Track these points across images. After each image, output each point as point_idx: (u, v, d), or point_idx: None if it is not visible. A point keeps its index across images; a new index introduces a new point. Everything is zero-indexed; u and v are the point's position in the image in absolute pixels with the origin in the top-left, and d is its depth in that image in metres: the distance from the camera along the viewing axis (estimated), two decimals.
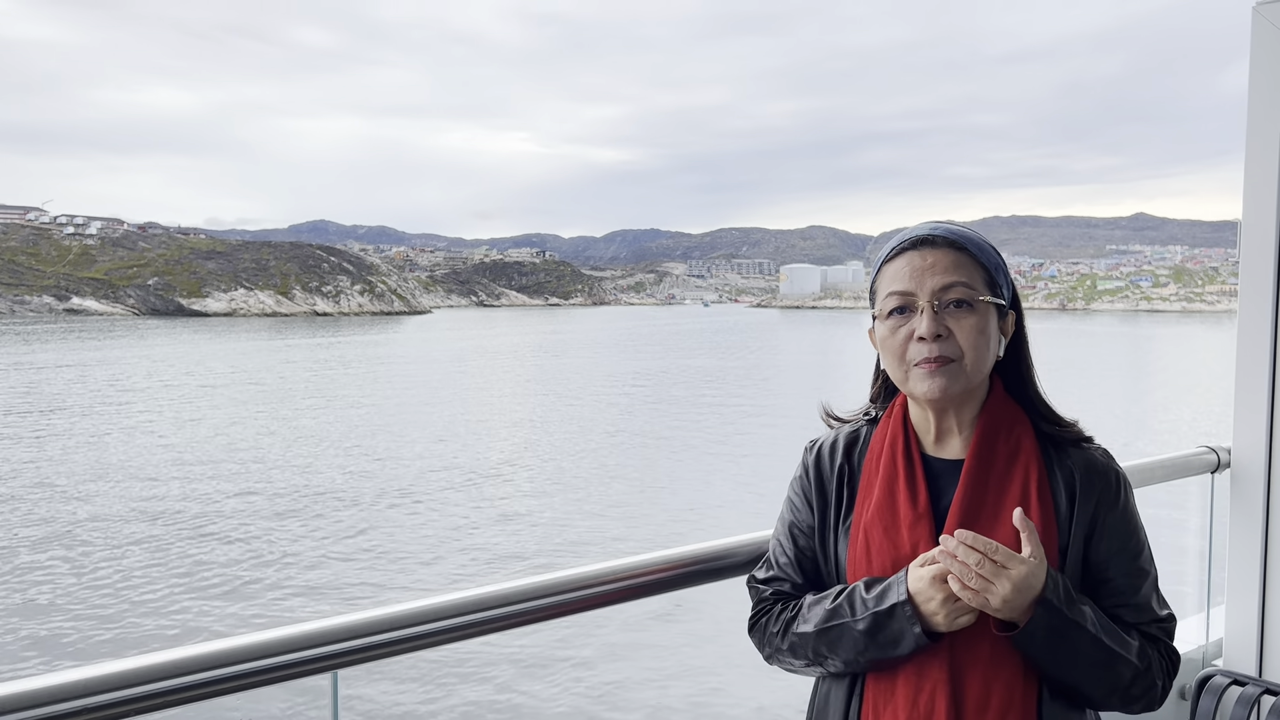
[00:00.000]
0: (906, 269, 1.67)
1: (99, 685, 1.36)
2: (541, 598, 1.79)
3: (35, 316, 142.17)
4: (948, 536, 1.54)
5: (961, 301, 1.64)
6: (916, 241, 1.69)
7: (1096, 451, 1.73)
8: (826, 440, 1.84)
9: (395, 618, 1.64)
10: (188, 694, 1.44)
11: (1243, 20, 2.95)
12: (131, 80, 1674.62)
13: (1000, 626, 1.57)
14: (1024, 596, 1.52)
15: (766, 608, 1.82)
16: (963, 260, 1.67)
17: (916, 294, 1.65)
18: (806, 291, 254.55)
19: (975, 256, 1.68)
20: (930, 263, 1.66)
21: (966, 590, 1.52)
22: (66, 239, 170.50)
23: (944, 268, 1.65)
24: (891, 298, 1.68)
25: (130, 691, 1.38)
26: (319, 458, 26.02)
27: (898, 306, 1.67)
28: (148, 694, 1.40)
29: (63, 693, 1.33)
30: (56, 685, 1.33)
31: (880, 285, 1.72)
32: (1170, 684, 1.69)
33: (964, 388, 1.66)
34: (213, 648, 1.48)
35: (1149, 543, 1.72)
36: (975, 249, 1.69)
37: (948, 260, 1.66)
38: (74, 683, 1.35)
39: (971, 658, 1.59)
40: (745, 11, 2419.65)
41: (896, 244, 1.72)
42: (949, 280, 1.65)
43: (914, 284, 1.65)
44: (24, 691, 1.31)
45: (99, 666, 1.38)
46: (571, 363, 63.81)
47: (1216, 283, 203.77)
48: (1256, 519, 2.98)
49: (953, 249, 1.68)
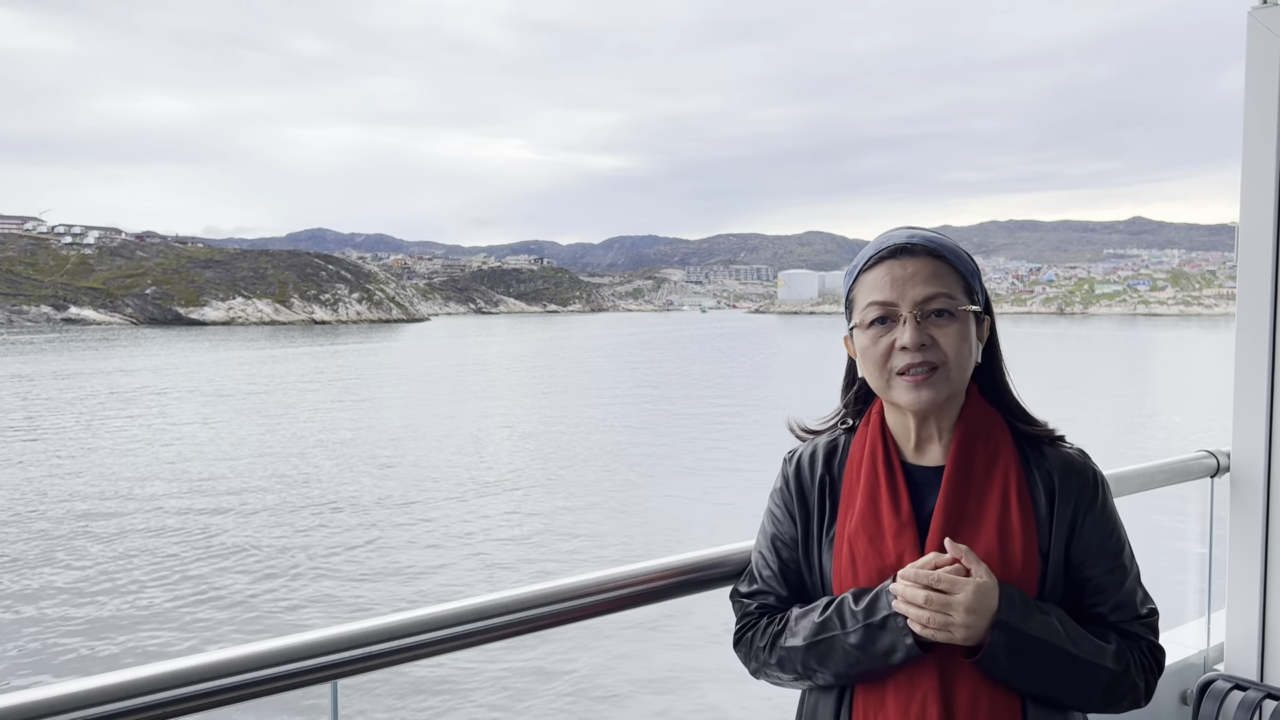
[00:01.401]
0: (886, 279, 1.66)
1: (97, 697, 1.36)
2: (538, 607, 1.79)
3: (33, 326, 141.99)
4: (896, 586, 1.58)
5: (943, 311, 1.64)
6: (895, 250, 1.68)
7: (1074, 451, 1.73)
8: (805, 450, 1.83)
9: (394, 627, 1.63)
10: (187, 705, 1.43)
11: (1238, 24, 2.96)
12: (129, 90, 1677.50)
13: (967, 653, 1.58)
14: (980, 618, 1.54)
15: (751, 621, 1.81)
16: (942, 269, 1.67)
17: (898, 304, 1.65)
18: (804, 297, 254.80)
19: (953, 265, 1.68)
20: (910, 272, 1.65)
21: (927, 630, 1.55)
22: (64, 248, 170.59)
23: (924, 278, 1.65)
24: (872, 308, 1.67)
25: (129, 703, 1.38)
26: (320, 466, 25.99)
27: (879, 317, 1.67)
28: (147, 705, 1.39)
29: (61, 705, 1.33)
30: (55, 697, 1.33)
31: (859, 294, 1.71)
32: (1155, 681, 1.69)
33: (947, 395, 1.66)
34: (211, 658, 1.47)
35: (1129, 541, 1.72)
36: (953, 257, 1.68)
37: (928, 270, 1.66)
38: (72, 694, 1.34)
39: (960, 665, 1.59)
40: (740, 18, 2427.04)
41: (873, 252, 1.71)
42: (931, 291, 1.64)
43: (895, 294, 1.65)
44: (22, 704, 1.31)
45: (96, 679, 1.38)
46: (570, 371, 63.78)
47: (1214, 286, 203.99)
48: (1256, 523, 2.97)
49: (932, 258, 1.67)
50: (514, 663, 11.25)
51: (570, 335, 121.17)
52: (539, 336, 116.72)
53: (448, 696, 10.62)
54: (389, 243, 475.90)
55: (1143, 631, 1.69)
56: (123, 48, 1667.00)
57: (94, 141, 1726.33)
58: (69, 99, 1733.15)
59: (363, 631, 1.60)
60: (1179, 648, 3.12)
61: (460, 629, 1.70)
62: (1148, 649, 1.69)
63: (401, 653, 1.64)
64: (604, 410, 39.44)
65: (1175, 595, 3.34)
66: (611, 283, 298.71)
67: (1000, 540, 1.62)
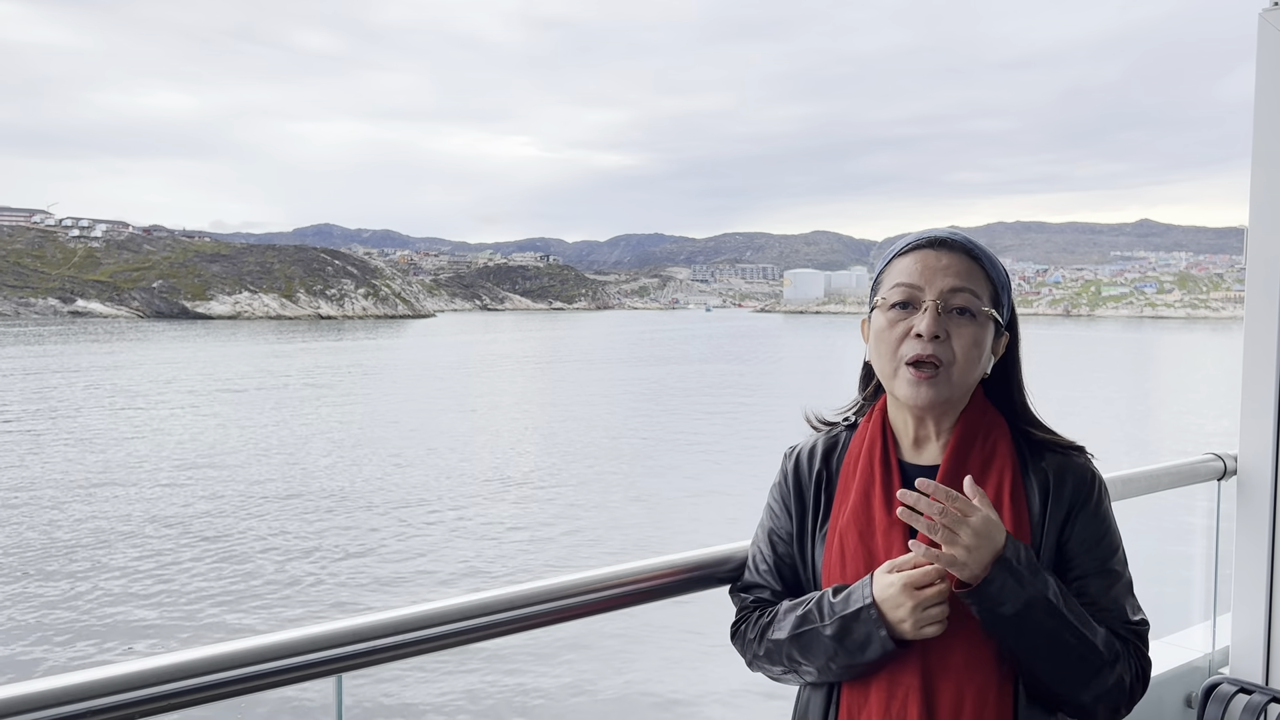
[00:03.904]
0: (919, 265, 1.68)
1: (103, 688, 1.36)
2: (543, 603, 1.79)
3: (40, 319, 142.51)
4: (906, 491, 1.54)
5: (965, 309, 1.65)
6: (933, 241, 1.70)
7: (1075, 454, 1.73)
8: (805, 446, 1.85)
9: (398, 622, 1.64)
10: (191, 697, 1.43)
11: (1248, 26, 2.95)
12: (135, 84, 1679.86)
13: (961, 587, 1.55)
14: (985, 545, 1.52)
15: (746, 614, 1.83)
16: (975, 269, 1.68)
17: (924, 290, 1.65)
18: (810, 296, 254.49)
19: (986, 270, 1.69)
20: (944, 264, 1.67)
21: (935, 535, 1.51)
22: (72, 241, 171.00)
23: (956, 272, 1.66)
24: (898, 289, 1.68)
25: (134, 694, 1.38)
26: (326, 463, 26.04)
27: (901, 300, 1.67)
28: (152, 697, 1.40)
29: (66, 695, 1.33)
30: (60, 688, 1.34)
31: (887, 276, 1.72)
32: (1141, 690, 1.66)
33: (948, 397, 1.66)
34: (216, 651, 1.47)
35: (1124, 548, 1.71)
36: (988, 262, 1.70)
37: (961, 265, 1.67)
38: (78, 685, 1.35)
39: (944, 665, 1.59)
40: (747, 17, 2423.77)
41: (912, 240, 1.73)
42: (958, 284, 1.65)
43: (923, 280, 1.66)
44: (30, 694, 1.32)
45: (103, 670, 1.38)
46: (576, 369, 63.82)
47: (1222, 289, 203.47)
48: (1263, 526, 2.97)
49: (967, 256, 1.69)
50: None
51: (576, 333, 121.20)
52: (546, 334, 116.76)
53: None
54: (395, 238, 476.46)
55: (1130, 637, 1.67)
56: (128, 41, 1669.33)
57: (101, 135, 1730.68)
58: (76, 92, 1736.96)
59: (366, 626, 1.61)
60: (1184, 651, 3.12)
61: (465, 624, 1.70)
62: (1134, 653, 1.66)
63: (405, 647, 1.64)
64: (614, 409, 39.43)
65: (1181, 598, 3.34)
66: (617, 280, 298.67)
67: None
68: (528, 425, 34.15)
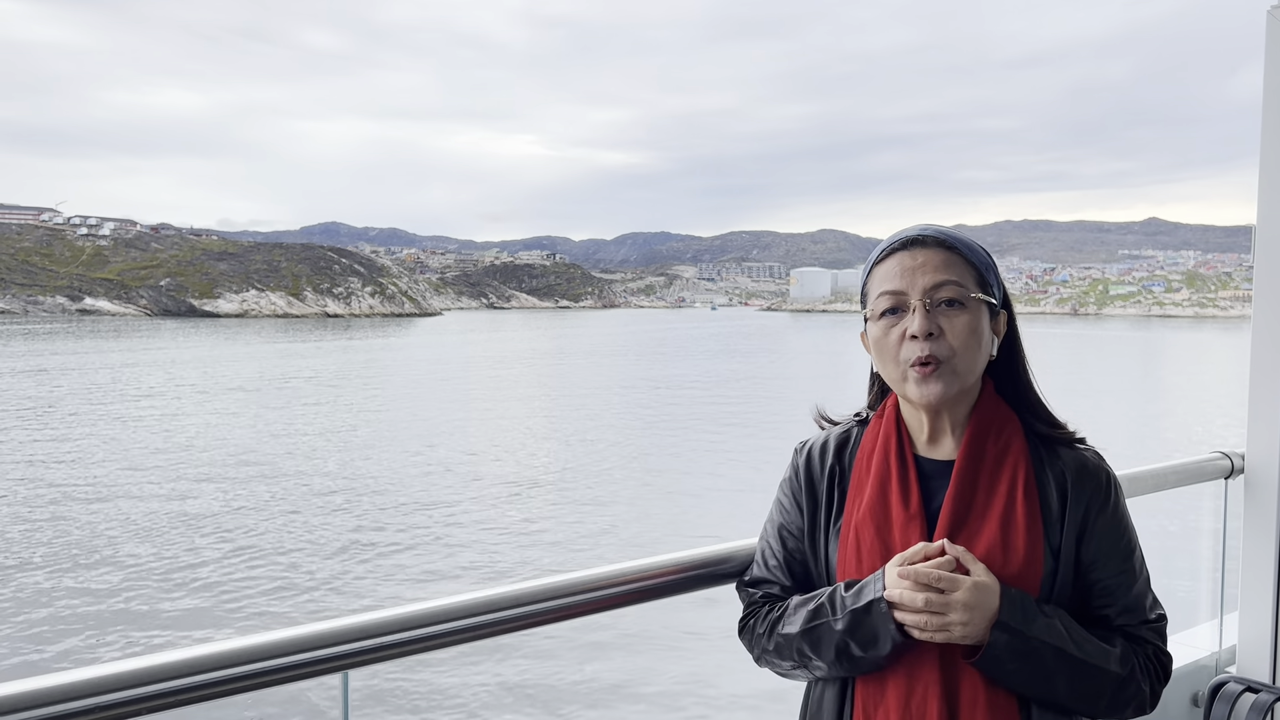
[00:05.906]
0: (897, 269, 1.68)
1: (109, 684, 1.37)
2: (549, 600, 1.80)
3: (48, 316, 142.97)
4: (891, 590, 1.57)
5: (953, 300, 1.65)
6: (906, 242, 1.70)
7: (1088, 452, 1.73)
8: (816, 441, 1.84)
9: (405, 618, 1.64)
10: (198, 693, 1.44)
11: (1256, 23, 2.94)
12: (142, 82, 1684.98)
13: (966, 653, 1.57)
14: (979, 616, 1.53)
15: (755, 609, 1.83)
16: (953, 259, 1.68)
17: (908, 293, 1.65)
18: (817, 295, 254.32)
19: (965, 256, 1.69)
20: (921, 262, 1.66)
21: (925, 634, 1.55)
22: (80, 240, 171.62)
23: (934, 266, 1.66)
24: (883, 298, 1.68)
25: (140, 690, 1.39)
26: (334, 461, 26.08)
27: (890, 307, 1.67)
28: (158, 693, 1.40)
29: (73, 691, 1.34)
30: (67, 684, 1.34)
31: (871, 287, 1.72)
32: (1161, 688, 1.68)
33: (958, 389, 1.66)
34: (223, 647, 1.48)
35: (1140, 544, 1.72)
36: (965, 249, 1.69)
37: (938, 259, 1.67)
38: (84, 681, 1.35)
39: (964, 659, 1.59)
40: (751, 16, 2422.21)
41: (886, 246, 1.73)
42: (940, 279, 1.65)
43: (905, 283, 1.66)
44: (35, 690, 1.32)
45: (109, 666, 1.39)
46: (585, 369, 63.84)
47: (1230, 288, 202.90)
48: (1270, 525, 2.96)
49: (942, 248, 1.68)
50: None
51: (583, 331, 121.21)
52: (553, 332, 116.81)
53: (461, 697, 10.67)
54: (402, 237, 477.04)
55: (1150, 636, 1.68)
56: (136, 40, 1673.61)
57: (109, 134, 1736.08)
58: (83, 91, 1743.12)
59: (373, 622, 1.61)
60: (1191, 650, 3.11)
61: (472, 620, 1.71)
62: (1154, 654, 1.68)
63: (412, 644, 1.64)
64: (622, 411, 39.42)
65: (1188, 597, 3.33)
66: (624, 279, 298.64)
67: (1002, 535, 1.61)
68: (546, 424, 34.11)
